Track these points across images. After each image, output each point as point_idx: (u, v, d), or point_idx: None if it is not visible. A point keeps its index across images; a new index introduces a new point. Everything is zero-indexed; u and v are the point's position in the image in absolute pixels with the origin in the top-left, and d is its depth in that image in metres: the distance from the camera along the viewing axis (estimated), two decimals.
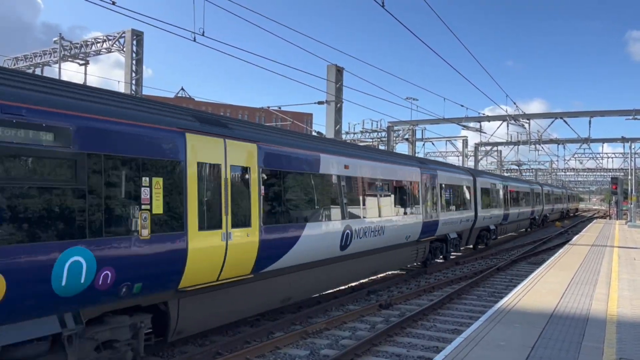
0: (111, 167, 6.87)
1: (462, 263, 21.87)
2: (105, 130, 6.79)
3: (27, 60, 27.05)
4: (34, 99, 6.01)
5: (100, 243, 6.62)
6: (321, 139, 14.89)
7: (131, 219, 7.10)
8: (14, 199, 5.72)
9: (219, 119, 9.82)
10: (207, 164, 8.46)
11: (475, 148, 51.29)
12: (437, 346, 9.88)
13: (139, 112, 7.60)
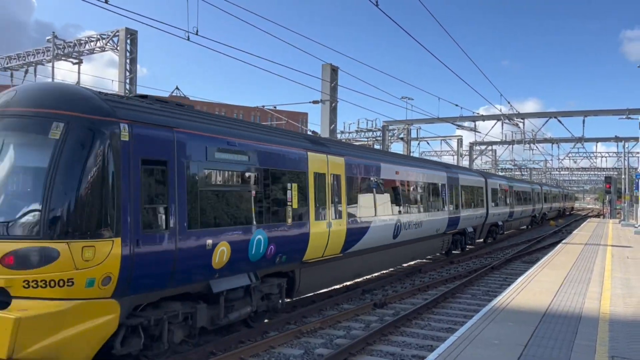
0: (273, 176, 10.32)
1: (457, 262, 21.92)
2: (269, 152, 10.22)
3: (20, 59, 26.89)
4: (238, 135, 9.54)
5: (269, 227, 9.98)
6: (380, 152, 20.55)
7: (284, 211, 10.52)
8: (231, 197, 9.23)
9: (322, 141, 13.55)
10: (318, 173, 11.83)
11: (469, 147, 51.44)
12: (431, 345, 9.90)
13: (283, 139, 11.07)
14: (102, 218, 6.88)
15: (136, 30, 23.44)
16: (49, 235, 6.51)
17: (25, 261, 6.44)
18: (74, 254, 6.57)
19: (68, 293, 6.55)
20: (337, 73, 22.37)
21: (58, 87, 8.01)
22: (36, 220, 6.54)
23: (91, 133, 6.98)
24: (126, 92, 22.95)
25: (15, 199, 6.93)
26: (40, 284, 6.45)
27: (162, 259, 7.61)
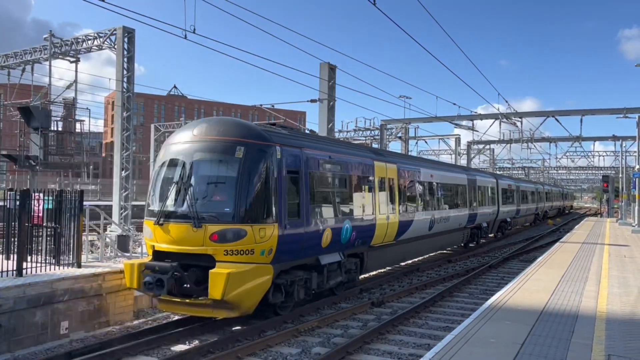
0: (354, 180, 13.64)
1: (455, 261, 21.93)
2: (352, 162, 13.68)
3: (17, 57, 26.76)
4: (334, 151, 13.06)
5: (352, 219, 13.34)
6: (420, 158, 25.25)
7: (361, 207, 13.80)
8: (331, 195, 12.60)
9: (381, 152, 17.95)
10: (380, 177, 15.23)
11: (467, 146, 51.46)
12: (428, 343, 9.90)
13: (359, 151, 14.93)
14: (268, 209, 10.32)
15: (134, 28, 23.35)
16: (240, 221, 9.98)
17: (225, 237, 9.91)
18: (255, 233, 10.01)
19: (250, 259, 10.02)
20: (335, 72, 22.34)
21: (237, 122, 11.42)
22: (231, 211, 10.00)
23: (260, 153, 10.40)
24: (123, 90, 22.89)
25: (216, 197, 10.32)
26: (234, 252, 9.93)
27: (297, 239, 11.03)
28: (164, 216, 10.33)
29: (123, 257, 18.70)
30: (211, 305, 9.93)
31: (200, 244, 9.97)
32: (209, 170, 10.50)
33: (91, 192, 56.75)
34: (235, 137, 10.46)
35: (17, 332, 9.28)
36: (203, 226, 9.94)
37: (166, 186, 10.67)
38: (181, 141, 10.89)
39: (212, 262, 9.90)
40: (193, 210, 10.02)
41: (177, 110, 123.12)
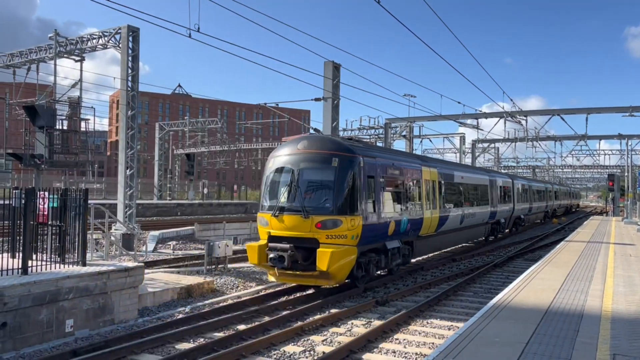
0: (409, 183, 16.95)
1: (459, 260, 21.89)
2: (407, 168, 16.86)
3: (22, 56, 26.85)
4: (395, 159, 16.35)
5: (409, 213, 16.41)
6: (453, 163, 30.14)
7: (414, 204, 17.09)
8: (394, 195, 15.54)
9: (426, 158, 21.32)
10: (426, 180, 18.29)
11: (472, 145, 51.33)
12: (433, 342, 9.89)
13: (411, 158, 18.37)
14: (356, 205, 13.48)
15: (138, 27, 23.40)
16: (337, 213, 13.17)
17: (326, 225, 13.08)
18: (347, 223, 13.16)
19: (344, 242, 13.16)
20: (339, 70, 22.30)
21: (331, 139, 14.92)
22: (330, 206, 13.25)
23: (349, 163, 13.60)
24: (128, 89, 22.93)
25: (320, 196, 13.55)
26: (333, 237, 13.10)
27: (373, 228, 14.18)
28: (279, 210, 13.62)
29: (127, 255, 18.77)
30: (317, 275, 13.11)
31: (307, 230, 13.27)
32: (312, 175, 13.78)
33: (96, 191, 56.97)
34: (331, 151, 13.84)
35: (23, 330, 9.32)
36: (310, 217, 13.23)
37: (279, 187, 14.03)
38: (288, 153, 14.21)
39: (317, 244, 13.14)
40: (302, 205, 13.32)
41: (181, 109, 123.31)
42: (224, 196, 65.94)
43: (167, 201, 52.25)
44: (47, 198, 11.10)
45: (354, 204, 13.49)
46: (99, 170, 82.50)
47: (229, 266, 18.06)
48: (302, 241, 13.27)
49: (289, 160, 14.03)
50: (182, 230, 28.73)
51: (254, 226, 32.42)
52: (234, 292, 14.80)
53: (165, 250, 24.03)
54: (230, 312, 12.03)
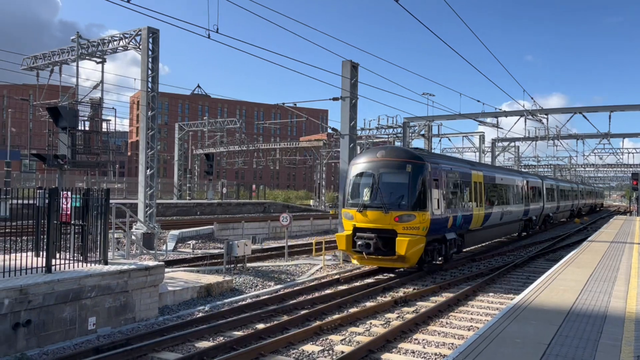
0: (463, 184, 19.75)
1: (479, 260, 21.68)
2: (462, 172, 19.85)
3: (45, 59, 27.35)
4: (451, 164, 19.66)
5: (462, 210, 19.33)
6: (494, 166, 33.22)
7: (466, 202, 19.96)
8: (452, 195, 18.76)
9: (474, 163, 24.62)
10: (474, 182, 20.86)
11: (492, 144, 50.73)
12: (452, 343, 9.81)
13: (464, 164, 21.54)
14: (425, 203, 16.47)
15: (158, 29, 23.63)
16: (411, 209, 16.21)
17: (402, 219, 16.11)
18: (419, 217, 16.16)
19: (416, 232, 16.15)
20: (357, 70, 22.23)
21: (405, 149, 19.10)
22: (406, 203, 16.29)
23: (420, 168, 16.69)
24: (148, 90, 23.19)
25: (397, 195, 16.55)
26: (408, 228, 16.11)
27: (437, 221, 17.12)
28: (363, 206, 16.75)
29: (148, 254, 19.00)
30: (395, 259, 16.28)
31: (387, 223, 16.34)
32: (390, 178, 16.83)
33: (117, 191, 57.77)
34: (405, 159, 17.07)
35: (47, 327, 9.50)
36: (389, 212, 16.31)
37: (362, 188, 17.25)
38: (368, 161, 17.47)
39: (394, 234, 16.21)
40: (383, 203, 16.47)
41: (200, 109, 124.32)
42: (243, 196, 66.30)
43: (186, 201, 52.74)
44: (69, 198, 11.29)
45: (424, 202, 16.55)
46: (119, 171, 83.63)
47: (248, 265, 18.15)
48: (383, 232, 16.36)
49: (370, 166, 17.27)
50: (202, 229, 28.98)
51: (272, 225, 32.59)
52: (252, 291, 14.88)
53: (185, 250, 24.26)
54: (249, 311, 12.11)
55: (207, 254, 21.55)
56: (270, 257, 21.86)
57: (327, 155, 63.25)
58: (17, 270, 9.96)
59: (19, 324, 9.01)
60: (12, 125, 56.40)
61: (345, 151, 22.03)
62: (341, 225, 18.39)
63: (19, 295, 8.97)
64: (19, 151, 50.85)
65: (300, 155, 68.83)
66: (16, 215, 12.54)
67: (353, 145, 22.27)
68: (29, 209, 11.29)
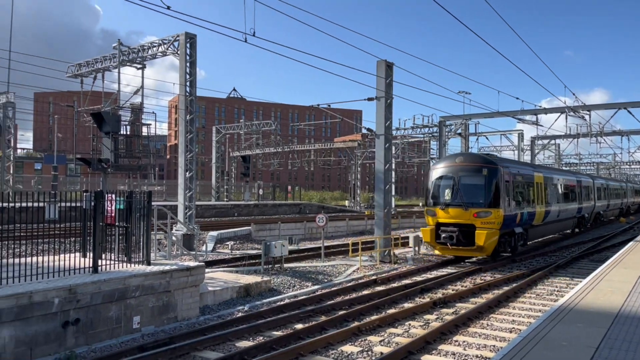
0: (527, 184, 22.36)
1: (519, 260, 21.20)
2: (525, 173, 22.45)
3: (89, 66, 28.29)
4: (518, 167, 22.31)
5: (527, 207, 21.86)
6: (551, 167, 35.52)
7: (531, 200, 22.54)
8: (519, 194, 21.31)
9: (536, 165, 28.95)
10: (536, 183, 23.14)
11: (531, 142, 49.55)
12: (494, 345, 9.64)
13: (527, 166, 24.74)
14: (499, 201, 19.10)
15: (195, 34, 24.12)
16: (488, 206, 19.08)
17: (480, 215, 18.99)
18: (494, 213, 19.03)
19: (492, 226, 19.00)
20: (392, 69, 22.11)
21: (480, 155, 21.95)
22: (483, 201, 19.19)
23: (494, 172, 19.40)
24: (186, 94, 23.68)
25: (475, 194, 19.36)
26: (485, 223, 18.97)
27: (508, 217, 19.57)
28: (445, 204, 19.82)
29: (188, 255, 19.39)
30: (474, 249, 19.18)
31: (467, 218, 19.27)
32: (469, 180, 19.70)
33: (157, 193, 59.17)
34: (481, 164, 19.96)
35: (94, 325, 9.82)
36: (469, 209, 19.26)
37: (444, 189, 20.21)
38: (448, 165, 20.49)
39: (473, 228, 19.12)
40: (463, 201, 19.44)
41: (236, 112, 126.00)
42: (279, 197, 66.84)
43: (224, 202, 53.55)
44: (114, 200, 11.64)
45: (498, 200, 19.23)
46: (159, 173, 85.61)
47: (285, 266, 18.30)
48: (463, 226, 19.34)
49: (450, 170, 20.23)
50: (239, 230, 29.37)
51: (308, 226, 32.73)
52: (290, 291, 14.99)
53: (223, 250, 24.64)
54: (288, 311, 12.20)
55: (245, 255, 21.83)
56: (307, 257, 21.96)
57: (362, 156, 63.07)
58: (65, 270, 10.33)
59: (69, 323, 9.35)
60: (58, 131, 58.54)
61: (380, 151, 21.93)
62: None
63: (68, 294, 9.31)
64: (64, 156, 52.72)
65: (335, 156, 68.88)
66: (64, 217, 13.01)
67: (389, 145, 22.15)
68: (75, 211, 11.71)
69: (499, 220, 19.12)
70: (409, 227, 41.49)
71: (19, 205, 9.78)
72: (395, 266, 20.00)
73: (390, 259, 21.00)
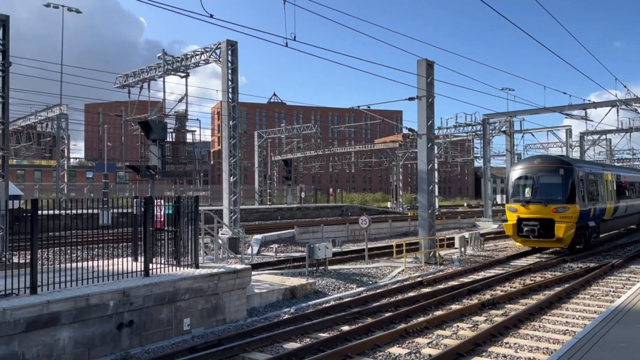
0: (597, 183, 24.34)
1: (572, 260, 20.50)
2: (597, 172, 24.75)
3: (135, 76, 29.27)
4: (590, 167, 24.83)
5: (599, 204, 24.13)
6: (618, 166, 38.45)
7: (601, 197, 24.59)
8: (590, 191, 23.26)
9: (604, 164, 36.29)
10: (605, 180, 25.47)
11: (580, 138, 47.88)
12: (547, 347, 9.36)
13: (597, 165, 27.64)
14: (575, 198, 21.54)
15: (236, 41, 24.56)
16: (565, 202, 21.42)
17: (559, 210, 21.36)
18: (571, 208, 21.35)
19: (569, 220, 21.35)
20: (433, 68, 21.83)
21: (557, 157, 24.44)
22: (561, 198, 21.52)
23: (570, 171, 21.87)
24: (228, 100, 24.12)
25: (553, 192, 21.70)
26: (563, 217, 21.23)
27: (583, 213, 21.85)
28: (526, 201, 22.06)
29: (235, 258, 19.72)
30: (554, 241, 21.39)
31: (547, 213, 21.47)
32: (547, 180, 21.98)
33: (202, 198, 60.41)
34: (558, 164, 22.30)
35: (147, 327, 10.13)
36: (548, 205, 21.46)
37: (524, 188, 22.49)
38: (527, 167, 22.91)
39: (553, 222, 21.24)
40: (543, 198, 21.70)
41: (277, 116, 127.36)
42: (320, 199, 67.07)
43: (267, 206, 54.18)
44: (162, 206, 11.99)
45: (574, 197, 21.45)
46: (204, 179, 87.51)
47: (329, 268, 18.34)
48: (543, 220, 21.52)
49: (529, 171, 22.64)
50: (283, 233, 29.64)
51: (350, 228, 32.69)
52: (335, 293, 15.01)
53: (268, 253, 24.93)
54: (334, 313, 12.22)
55: (290, 257, 22.02)
56: (351, 259, 21.94)
57: (403, 157, 62.51)
58: (118, 274, 10.71)
59: (123, 324, 9.69)
60: (108, 140, 60.76)
61: (423, 151, 21.68)
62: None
63: (122, 297, 9.65)
64: (114, 164, 54.66)
65: (376, 158, 68.55)
66: (115, 223, 13.49)
67: (431, 144, 21.88)
68: (125, 217, 12.13)
69: (576, 214, 21.26)
70: (453, 227, 40.79)
71: (73, 212, 10.22)
72: (441, 267, 19.72)
73: (435, 261, 20.72)
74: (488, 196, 43.59)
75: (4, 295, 8.78)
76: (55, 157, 41.79)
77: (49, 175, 63.63)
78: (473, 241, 25.61)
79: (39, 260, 9.62)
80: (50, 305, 8.58)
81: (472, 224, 42.02)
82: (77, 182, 62.67)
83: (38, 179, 70.20)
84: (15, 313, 8.15)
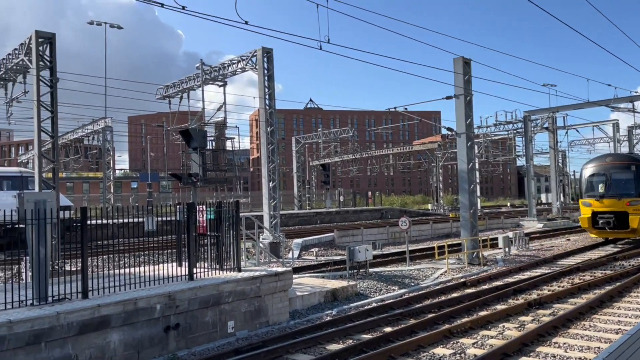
0: None
1: (621, 259, 19.74)
2: None
3: (175, 87, 30.07)
4: None
5: None
6: None
7: None
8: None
9: None
10: None
11: (628, 132, 46.17)
12: (599, 347, 9.06)
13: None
14: None
15: (271, 48, 24.88)
16: (637, 196, 22.99)
17: (632, 203, 23.16)
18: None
19: None
20: (470, 66, 21.52)
21: (628, 155, 27.92)
22: (634, 192, 23.14)
23: (637, 167, 23.78)
24: (266, 107, 24.45)
25: (626, 187, 23.42)
26: (636, 210, 22.66)
27: None
28: (600, 196, 23.66)
29: (276, 262, 19.93)
30: (628, 231, 22.58)
31: (620, 207, 22.86)
32: (620, 176, 23.53)
33: (242, 205, 61.30)
34: (629, 161, 23.98)
35: (192, 330, 10.38)
36: (622, 199, 22.90)
37: (597, 184, 24.12)
38: (599, 164, 24.51)
39: (626, 215, 22.63)
40: (617, 193, 23.18)
41: (314, 122, 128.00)
42: (359, 203, 66.89)
43: (306, 210, 54.49)
44: (204, 211, 12.27)
45: None
46: (244, 186, 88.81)
47: (370, 270, 18.28)
48: (617, 214, 22.99)
49: (601, 168, 24.34)
50: (323, 237, 29.72)
51: (390, 231, 32.48)
52: (377, 295, 14.95)
53: (308, 257, 25.05)
54: (376, 314, 12.18)
55: (330, 260, 22.06)
56: (392, 262, 21.80)
57: (443, 157, 61.67)
58: (164, 278, 11.01)
59: (170, 327, 9.95)
60: (150, 150, 62.55)
61: (463, 151, 21.36)
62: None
63: (168, 300, 9.92)
64: (157, 173, 56.26)
65: (414, 159, 67.90)
66: (160, 230, 13.87)
67: (471, 143, 21.54)
68: (169, 224, 12.46)
69: None
70: (497, 228, 39.91)
71: (120, 222, 10.60)
72: (484, 268, 19.35)
73: (478, 261, 20.34)
74: (532, 195, 42.49)
75: (58, 300, 9.17)
76: (102, 168, 43.29)
77: (97, 186, 66.00)
78: (517, 241, 25.01)
79: (89, 266, 10.01)
80: (100, 308, 8.91)
81: (516, 224, 41.03)
82: (123, 193, 64.71)
83: (86, 190, 73.01)
84: (69, 316, 8.51)
